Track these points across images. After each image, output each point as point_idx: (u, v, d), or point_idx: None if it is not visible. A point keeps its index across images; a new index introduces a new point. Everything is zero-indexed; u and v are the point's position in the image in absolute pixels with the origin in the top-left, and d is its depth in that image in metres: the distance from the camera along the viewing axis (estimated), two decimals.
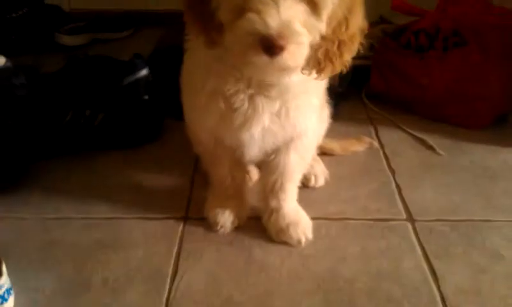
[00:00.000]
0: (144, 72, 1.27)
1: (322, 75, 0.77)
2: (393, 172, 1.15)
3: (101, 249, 0.93)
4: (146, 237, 0.96)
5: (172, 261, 0.91)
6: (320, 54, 0.74)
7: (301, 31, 0.68)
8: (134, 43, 1.94)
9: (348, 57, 0.76)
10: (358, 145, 1.22)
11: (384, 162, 1.19)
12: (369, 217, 1.02)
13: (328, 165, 1.14)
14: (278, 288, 0.86)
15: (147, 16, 2.09)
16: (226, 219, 0.97)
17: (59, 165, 1.17)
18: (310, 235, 0.95)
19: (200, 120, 0.89)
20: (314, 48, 0.73)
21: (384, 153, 1.23)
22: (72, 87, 1.22)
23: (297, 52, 0.69)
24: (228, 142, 0.89)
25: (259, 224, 0.98)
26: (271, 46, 0.65)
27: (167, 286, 0.85)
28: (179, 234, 0.97)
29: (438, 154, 1.22)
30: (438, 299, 0.84)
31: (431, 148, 1.24)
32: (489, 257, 0.92)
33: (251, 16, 0.66)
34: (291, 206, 0.98)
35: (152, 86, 1.29)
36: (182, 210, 1.03)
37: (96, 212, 1.03)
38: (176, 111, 1.32)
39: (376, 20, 1.68)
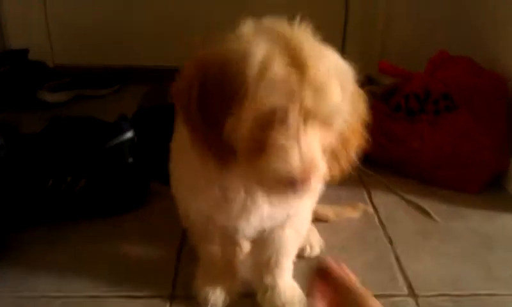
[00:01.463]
0: (129, 134, 1.23)
1: (330, 177, 0.73)
2: (390, 240, 1.11)
3: None
4: None
5: None
6: (327, 157, 0.71)
7: (322, 162, 0.66)
8: (118, 100, 1.91)
9: (353, 153, 0.74)
10: (352, 212, 1.18)
11: (380, 229, 1.15)
12: None
13: (321, 233, 1.09)
14: None
15: (132, 73, 2.07)
16: (217, 297, 0.91)
17: (37, 236, 1.10)
18: None
19: (191, 202, 0.84)
20: None
21: (379, 219, 1.19)
22: (53, 151, 1.16)
23: (318, 179, 0.67)
24: (223, 225, 0.84)
25: (251, 302, 0.92)
26: (296, 185, 0.64)
27: None
28: None
29: (434, 220, 1.18)
30: None
31: (426, 213, 1.21)
32: None
33: (274, 160, 0.63)
34: (287, 282, 0.92)
35: (136, 149, 1.24)
36: (168, 286, 0.97)
37: (76, 290, 0.96)
38: (162, 175, 1.28)
39: (362, 81, 1.67)
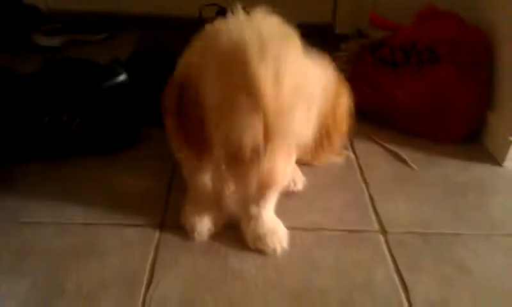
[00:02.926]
0: (122, 77, 1.27)
1: (319, 160, 0.80)
2: (366, 184, 1.18)
3: (75, 256, 0.93)
4: (121, 244, 0.96)
5: (147, 270, 0.91)
6: (312, 148, 0.80)
7: (283, 172, 0.77)
8: (112, 45, 1.93)
9: (339, 140, 0.82)
10: (335, 157, 1.24)
11: (359, 173, 1.22)
12: (343, 228, 1.03)
13: (304, 174, 1.14)
14: (253, 297, 0.87)
15: (126, 19, 2.08)
16: (203, 226, 0.98)
17: (34, 169, 1.16)
18: (285, 245, 0.97)
19: None
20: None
21: (358, 164, 1.25)
22: (48, 90, 1.21)
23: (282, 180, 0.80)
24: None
25: (235, 233, 1.00)
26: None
27: (142, 295, 0.86)
28: (155, 242, 0.97)
29: (411, 167, 1.25)
30: None
31: (403, 161, 1.27)
32: (458, 270, 0.95)
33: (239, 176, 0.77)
34: (269, 214, 0.99)
35: (130, 92, 1.28)
36: (158, 217, 1.04)
37: (71, 218, 1.03)
38: (154, 118, 1.33)
39: (353, 34, 1.71)
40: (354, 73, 1.48)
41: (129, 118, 1.27)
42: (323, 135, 0.77)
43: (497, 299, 0.90)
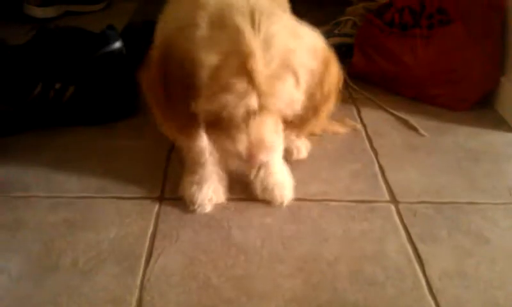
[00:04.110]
0: (117, 45, 1.21)
1: (302, 134, 0.83)
2: (376, 153, 1.12)
3: (71, 229, 0.88)
4: (119, 217, 0.91)
5: (147, 243, 0.86)
6: (297, 120, 0.76)
7: (273, 140, 0.73)
8: (108, 16, 1.87)
9: (324, 114, 0.78)
10: (341, 128, 1.18)
11: (367, 142, 1.16)
12: (351, 199, 0.98)
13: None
14: (258, 270, 0.82)
15: None
16: (204, 197, 0.92)
17: (27, 141, 1.12)
18: (291, 196, 0.96)
19: None
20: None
21: (366, 133, 1.20)
22: (41, 58, 1.15)
23: (269, 153, 0.75)
24: None
25: (237, 204, 0.95)
26: (246, 160, 0.74)
27: (141, 269, 0.81)
28: (154, 215, 0.92)
29: (421, 135, 1.19)
30: (423, 282, 0.81)
31: (414, 128, 1.22)
32: (474, 240, 0.90)
33: (227, 143, 0.74)
34: (277, 166, 0.96)
35: (126, 60, 1.23)
36: (157, 189, 0.98)
37: (66, 191, 0.98)
38: None
39: None
40: (360, 38, 1.41)
41: (126, 87, 1.22)
42: (309, 108, 0.75)
43: None
